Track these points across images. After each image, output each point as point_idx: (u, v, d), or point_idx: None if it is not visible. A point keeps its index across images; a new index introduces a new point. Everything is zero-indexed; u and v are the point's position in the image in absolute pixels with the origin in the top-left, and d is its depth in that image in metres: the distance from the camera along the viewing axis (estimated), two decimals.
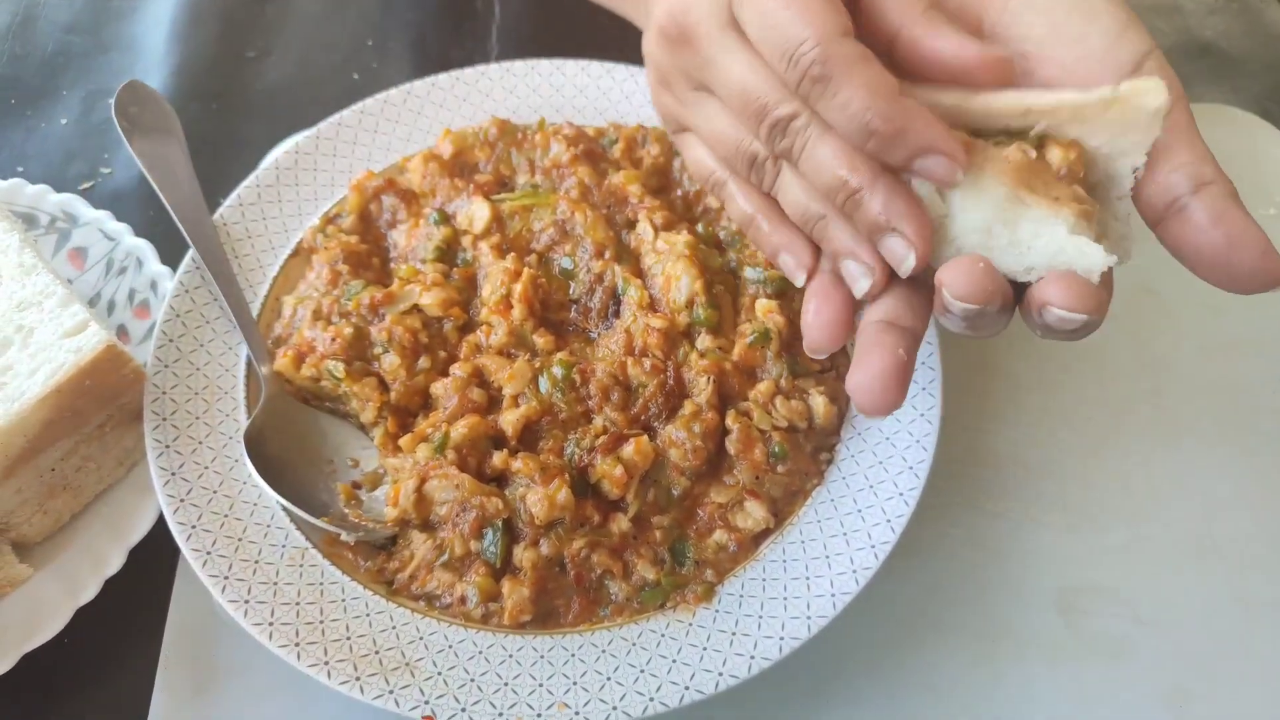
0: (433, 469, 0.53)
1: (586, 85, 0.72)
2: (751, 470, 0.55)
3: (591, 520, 0.54)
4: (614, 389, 0.56)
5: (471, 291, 0.62)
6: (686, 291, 0.59)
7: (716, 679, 0.49)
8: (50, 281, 0.59)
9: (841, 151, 0.41)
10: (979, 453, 0.64)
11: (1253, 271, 0.39)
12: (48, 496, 0.56)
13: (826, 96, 0.39)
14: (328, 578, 0.53)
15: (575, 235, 0.63)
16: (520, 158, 0.67)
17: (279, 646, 0.49)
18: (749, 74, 0.42)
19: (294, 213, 0.66)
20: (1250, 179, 0.76)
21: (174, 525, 0.53)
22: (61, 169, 0.78)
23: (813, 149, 0.42)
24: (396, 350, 0.58)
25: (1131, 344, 0.68)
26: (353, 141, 0.69)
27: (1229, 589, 0.59)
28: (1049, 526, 0.61)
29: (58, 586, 0.55)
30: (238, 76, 0.84)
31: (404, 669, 0.49)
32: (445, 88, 0.72)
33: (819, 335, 0.46)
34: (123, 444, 0.59)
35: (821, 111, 0.40)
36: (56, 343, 0.55)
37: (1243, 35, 0.89)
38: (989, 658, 0.57)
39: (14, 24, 0.88)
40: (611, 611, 0.53)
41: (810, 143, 0.42)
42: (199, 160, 0.68)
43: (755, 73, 0.42)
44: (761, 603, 0.52)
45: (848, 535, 0.54)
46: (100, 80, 0.84)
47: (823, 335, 0.46)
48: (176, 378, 0.58)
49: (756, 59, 0.42)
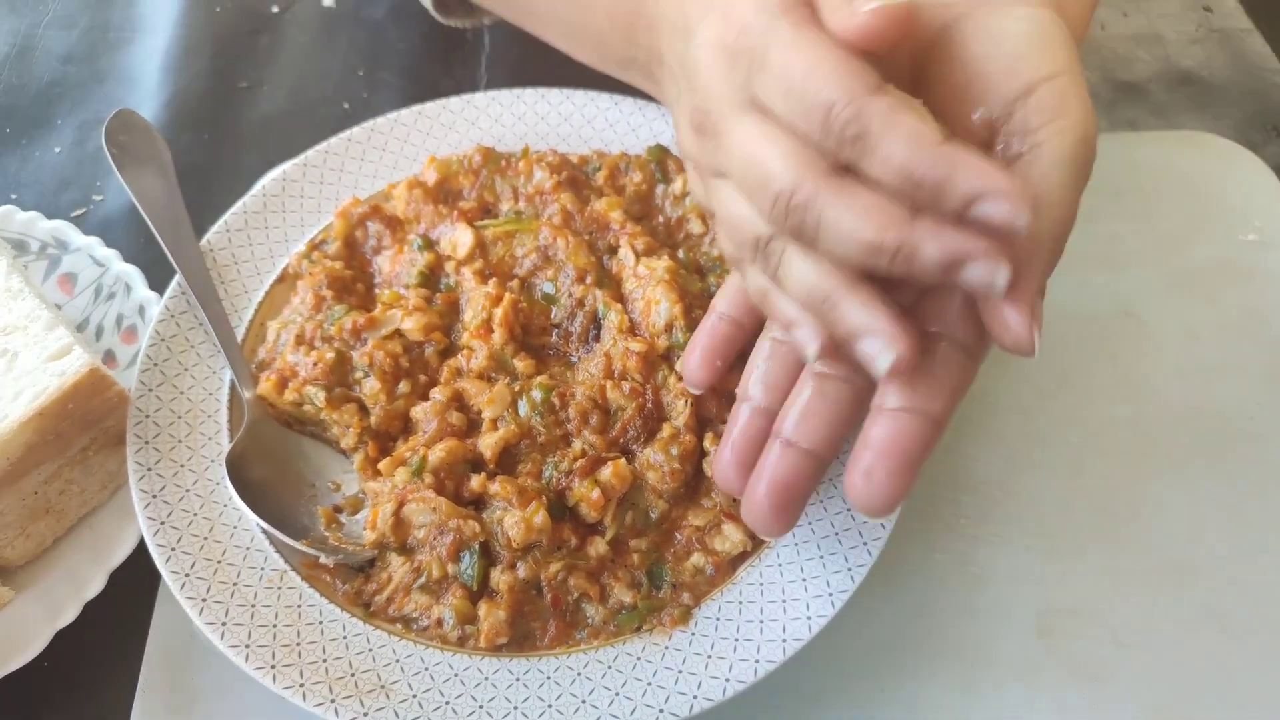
0: (410, 492, 0.54)
1: (571, 113, 0.73)
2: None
3: (569, 543, 0.54)
4: (593, 412, 0.56)
5: (454, 316, 0.63)
6: (666, 316, 0.59)
7: (691, 702, 0.49)
8: (36, 306, 0.59)
9: (875, 207, 0.37)
10: (958, 476, 0.64)
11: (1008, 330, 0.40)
12: (30, 520, 0.57)
13: (868, 153, 0.37)
14: (306, 600, 0.53)
15: (557, 261, 0.63)
16: (504, 185, 0.68)
17: (255, 669, 0.49)
18: (761, 148, 0.40)
19: (280, 239, 0.67)
20: (1231, 205, 0.77)
21: (153, 547, 0.53)
22: (54, 196, 0.79)
23: (836, 216, 0.38)
24: (377, 375, 0.58)
25: (1111, 368, 0.69)
26: (340, 169, 0.70)
27: (1208, 612, 0.59)
28: (1028, 549, 0.61)
29: (38, 609, 0.55)
30: (230, 106, 0.85)
31: (379, 691, 0.50)
32: (432, 116, 0.73)
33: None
34: (106, 467, 0.59)
35: (866, 169, 0.38)
36: (40, 366, 0.56)
37: (1224, 65, 0.90)
38: (969, 681, 0.57)
39: (11, 54, 0.89)
40: (588, 634, 0.53)
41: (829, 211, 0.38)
42: (190, 188, 0.69)
43: (769, 147, 0.40)
44: (738, 625, 0.52)
45: (825, 558, 0.54)
46: (94, 109, 0.85)
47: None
48: (160, 401, 0.59)
49: (772, 134, 0.40)
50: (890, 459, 0.40)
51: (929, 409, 0.40)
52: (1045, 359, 0.69)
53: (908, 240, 0.37)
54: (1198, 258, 0.74)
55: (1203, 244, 0.75)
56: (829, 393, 0.44)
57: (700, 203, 0.50)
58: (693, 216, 0.67)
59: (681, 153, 0.50)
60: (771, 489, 0.44)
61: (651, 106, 0.72)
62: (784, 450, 0.44)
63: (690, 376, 0.53)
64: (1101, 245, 0.74)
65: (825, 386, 0.44)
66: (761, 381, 0.48)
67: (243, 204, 0.68)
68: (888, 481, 0.40)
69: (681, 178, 0.68)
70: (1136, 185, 0.77)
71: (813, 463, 0.44)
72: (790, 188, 0.38)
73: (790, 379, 0.47)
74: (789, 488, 0.44)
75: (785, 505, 0.44)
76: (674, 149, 0.70)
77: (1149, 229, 0.76)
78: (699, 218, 0.67)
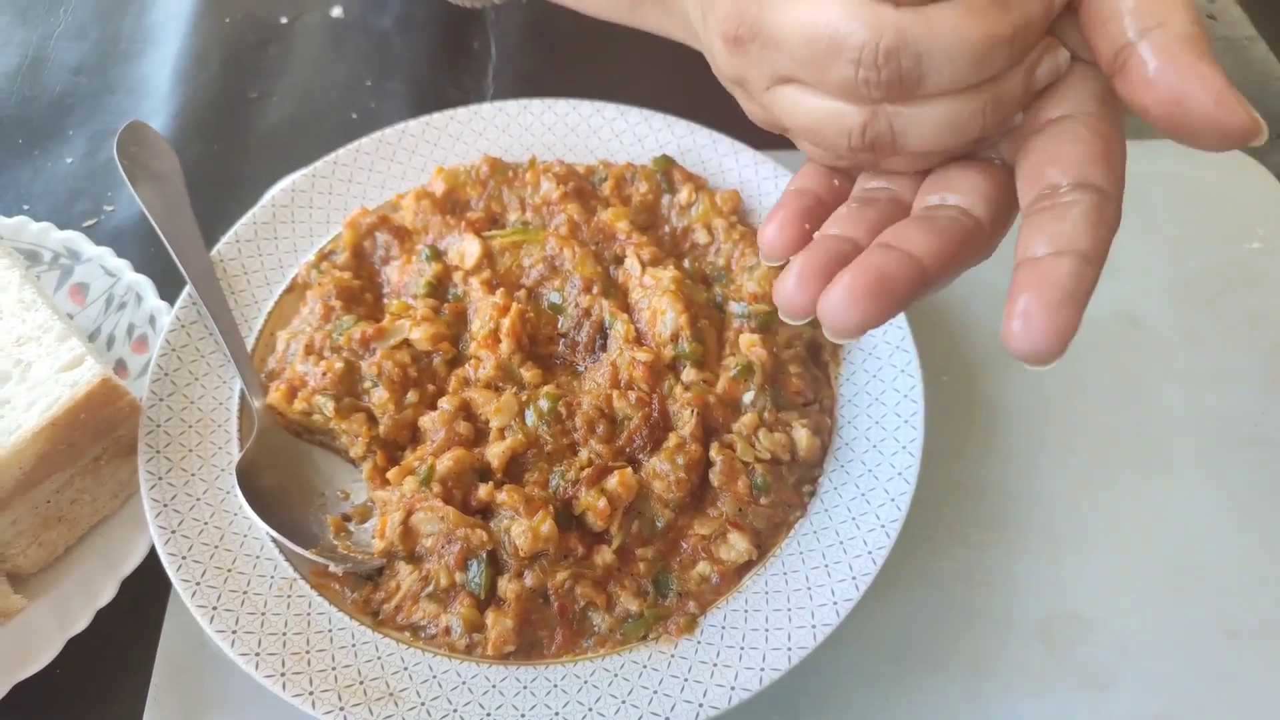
0: (418, 501, 0.54)
1: (577, 124, 0.74)
2: (735, 502, 0.56)
3: (575, 552, 0.54)
4: (599, 422, 0.57)
5: (461, 326, 0.63)
6: (672, 325, 0.60)
7: (697, 710, 0.49)
8: (49, 317, 0.60)
9: (970, 10, 0.34)
10: (963, 484, 0.64)
11: (1207, 123, 0.33)
12: (43, 528, 0.57)
13: None
14: (315, 608, 0.53)
15: (564, 271, 0.64)
16: (511, 195, 0.69)
17: (265, 676, 0.50)
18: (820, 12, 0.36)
19: (289, 249, 0.68)
20: (1235, 213, 0.77)
21: (164, 556, 0.54)
22: (66, 207, 0.80)
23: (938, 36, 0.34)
24: (386, 384, 0.59)
25: (1114, 375, 0.69)
26: (348, 179, 0.71)
27: (1213, 618, 0.59)
28: (1033, 556, 0.61)
29: (50, 617, 0.56)
30: (239, 117, 0.86)
31: (388, 699, 0.50)
32: (439, 126, 0.73)
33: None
34: (118, 476, 0.60)
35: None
36: (53, 377, 0.56)
37: (1228, 72, 0.89)
38: (974, 688, 0.57)
39: (24, 65, 0.90)
40: (594, 643, 0.53)
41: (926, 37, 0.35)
42: (200, 199, 0.70)
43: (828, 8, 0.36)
44: (743, 634, 0.53)
45: (830, 567, 0.54)
46: (106, 121, 0.86)
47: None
48: (171, 411, 0.60)
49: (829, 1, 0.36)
50: (1046, 292, 0.34)
51: (1078, 248, 0.35)
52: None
53: (1018, 17, 0.34)
54: (1202, 265, 0.75)
55: (1206, 251, 0.75)
56: (939, 219, 0.38)
57: (766, 126, 0.44)
58: (698, 226, 0.67)
59: (724, 80, 0.44)
60: (863, 271, 0.35)
61: (658, 117, 0.73)
62: (883, 249, 0.36)
63: (769, 241, 0.42)
64: None
65: (936, 215, 0.38)
66: (847, 219, 0.40)
67: (252, 215, 0.68)
68: (1048, 318, 0.33)
69: (687, 188, 0.68)
70: (1141, 193, 0.77)
71: (915, 265, 0.36)
72: (872, 36, 0.35)
73: (881, 222, 0.39)
74: (884, 275, 0.35)
75: (874, 291, 0.35)
76: (679, 159, 0.70)
77: (1153, 236, 0.76)
78: (704, 227, 0.67)
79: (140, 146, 0.70)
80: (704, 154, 0.72)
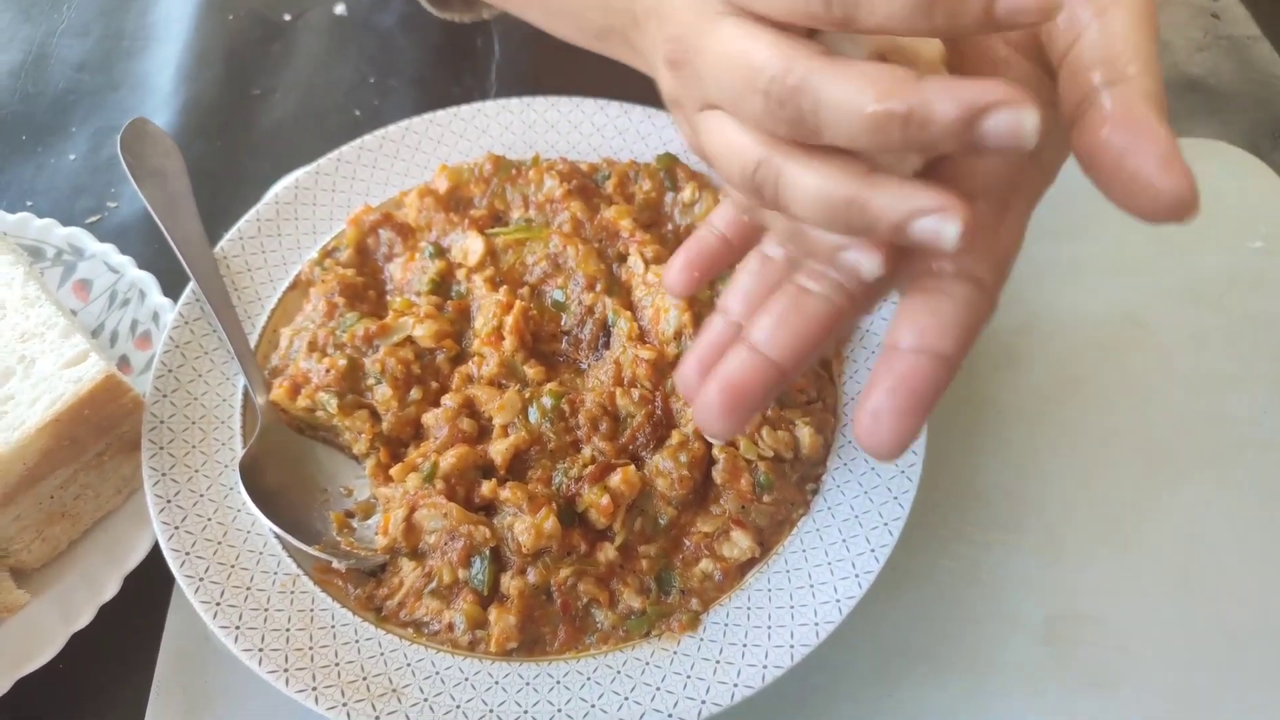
0: (421, 498, 0.54)
1: (580, 122, 0.74)
2: (738, 500, 0.56)
3: (578, 549, 0.54)
4: (602, 419, 0.57)
5: (465, 323, 0.63)
6: (675, 323, 0.60)
7: (699, 707, 0.49)
8: (53, 313, 0.60)
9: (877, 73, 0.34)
10: (965, 484, 0.64)
11: (1146, 180, 0.33)
12: (46, 524, 0.57)
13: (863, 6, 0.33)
14: (318, 604, 0.53)
15: (567, 268, 0.64)
16: (514, 193, 0.69)
17: (268, 672, 0.50)
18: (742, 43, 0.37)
19: (293, 246, 0.68)
20: (1238, 213, 0.77)
21: (168, 551, 0.54)
22: (69, 203, 0.80)
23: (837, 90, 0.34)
24: (389, 381, 0.59)
25: (1118, 376, 0.69)
26: (351, 177, 0.71)
27: (1215, 620, 0.59)
28: (1036, 557, 0.61)
29: (54, 612, 0.56)
30: (243, 114, 0.86)
31: (391, 695, 0.50)
32: (443, 124, 0.73)
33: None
34: (121, 472, 0.60)
35: (865, 21, 0.34)
36: (57, 372, 0.56)
37: (1230, 72, 0.90)
38: (976, 688, 0.57)
39: (27, 62, 0.90)
40: (597, 639, 0.53)
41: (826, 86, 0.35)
42: (203, 195, 0.70)
43: (751, 40, 0.36)
44: (746, 631, 0.53)
45: (832, 565, 0.54)
46: (109, 118, 0.86)
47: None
48: (174, 407, 0.60)
49: (752, 29, 0.37)
50: (898, 398, 0.36)
51: (940, 348, 0.37)
52: (1052, 366, 0.69)
53: (919, 99, 0.33)
54: (1205, 265, 0.75)
55: (1210, 252, 0.75)
56: (805, 307, 0.40)
57: (694, 149, 0.45)
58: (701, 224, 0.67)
59: (667, 103, 0.46)
60: (724, 386, 0.40)
61: (661, 115, 0.73)
62: (746, 353, 0.40)
63: (669, 281, 0.49)
64: (1109, 253, 0.75)
65: (802, 301, 0.41)
66: (741, 296, 0.45)
67: (256, 211, 0.68)
68: (895, 422, 0.36)
69: (691, 185, 0.68)
70: None
71: (772, 370, 0.40)
72: (781, 70, 0.35)
73: (763, 295, 0.43)
74: (742, 388, 0.40)
75: (735, 405, 0.40)
76: (684, 157, 0.70)
77: (1156, 237, 0.75)
78: None
79: (143, 143, 0.70)
80: None
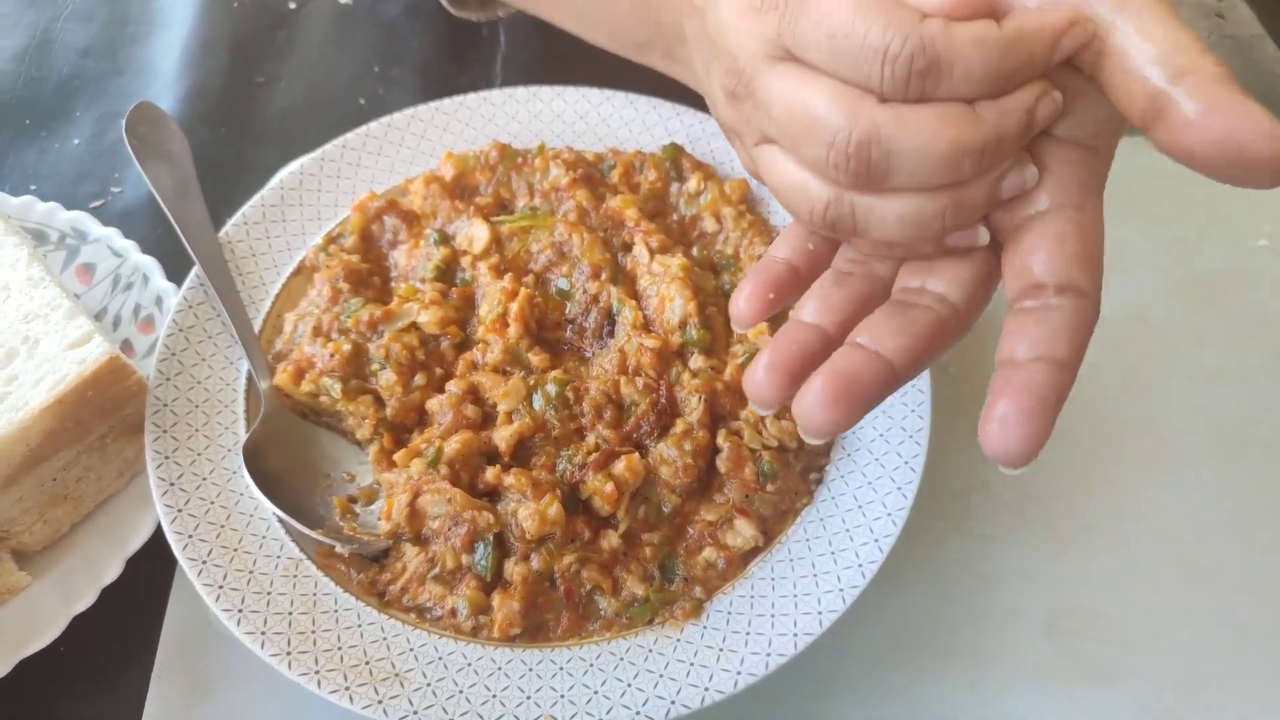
0: (425, 484, 0.54)
1: (586, 111, 0.74)
2: (741, 489, 0.56)
3: (582, 536, 0.54)
4: (607, 407, 0.57)
5: (469, 310, 0.63)
6: (680, 313, 0.60)
7: (702, 694, 0.49)
8: (57, 295, 0.60)
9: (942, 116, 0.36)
10: (969, 476, 0.64)
11: (1258, 157, 0.33)
12: (49, 506, 0.57)
13: (943, 79, 0.35)
14: (321, 589, 0.53)
15: (572, 257, 0.64)
16: (520, 181, 0.69)
17: (270, 655, 0.50)
18: (804, 93, 0.37)
19: (297, 232, 0.68)
20: (1241, 211, 0.77)
21: (170, 534, 0.54)
22: (73, 188, 0.79)
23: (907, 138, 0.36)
24: (393, 367, 0.59)
25: (1121, 371, 0.69)
26: (356, 163, 0.71)
27: (1217, 614, 0.59)
28: (1038, 550, 0.61)
29: (55, 594, 0.56)
30: (247, 101, 0.86)
31: (393, 679, 0.50)
32: (448, 112, 0.73)
33: None
34: (123, 455, 0.60)
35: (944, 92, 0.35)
36: (61, 354, 0.56)
37: (1236, 71, 0.89)
38: (978, 681, 0.57)
39: (31, 47, 0.90)
40: (600, 626, 0.53)
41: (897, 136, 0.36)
42: (207, 183, 0.70)
43: (812, 91, 0.37)
44: (749, 620, 0.53)
45: (836, 554, 0.54)
46: (113, 103, 0.85)
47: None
48: (178, 391, 0.60)
49: (812, 78, 0.38)
50: (1022, 402, 0.36)
51: (1054, 354, 0.37)
52: None
53: (990, 131, 0.35)
54: (1207, 263, 0.75)
55: (1212, 249, 0.75)
56: (909, 314, 0.39)
57: (751, 174, 0.45)
58: (706, 214, 0.67)
59: (722, 128, 0.47)
60: (833, 375, 0.37)
61: (666, 105, 0.73)
62: (853, 349, 0.38)
63: (738, 311, 0.44)
64: (1111, 250, 0.73)
65: (905, 310, 0.39)
66: (819, 300, 0.41)
67: (260, 197, 0.68)
68: (1023, 427, 0.35)
69: (695, 176, 0.68)
70: (1146, 191, 0.78)
71: (884, 367, 0.37)
72: (846, 125, 0.36)
73: (851, 306, 0.41)
74: (853, 379, 0.37)
75: (843, 395, 0.36)
76: (688, 147, 0.70)
77: (1159, 234, 0.76)
78: (713, 216, 0.67)
79: (149, 127, 0.70)
80: (712, 143, 0.72)
